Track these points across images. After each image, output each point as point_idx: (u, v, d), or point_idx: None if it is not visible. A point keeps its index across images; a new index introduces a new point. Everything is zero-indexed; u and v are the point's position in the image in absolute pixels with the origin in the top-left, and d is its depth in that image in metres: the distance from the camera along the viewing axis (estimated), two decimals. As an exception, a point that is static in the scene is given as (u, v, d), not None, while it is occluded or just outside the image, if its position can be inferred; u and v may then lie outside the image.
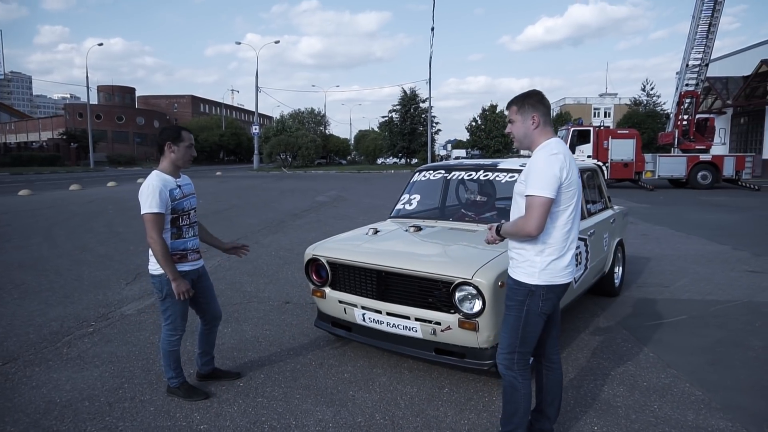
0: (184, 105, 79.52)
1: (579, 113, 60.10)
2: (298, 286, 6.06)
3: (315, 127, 56.29)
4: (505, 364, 2.54)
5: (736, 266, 6.88)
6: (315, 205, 15.26)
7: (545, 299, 2.46)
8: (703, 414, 3.06)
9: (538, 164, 2.38)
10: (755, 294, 5.56)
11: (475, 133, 54.32)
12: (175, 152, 3.17)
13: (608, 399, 3.25)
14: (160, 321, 3.25)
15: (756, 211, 13.32)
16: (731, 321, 4.69)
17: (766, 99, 27.24)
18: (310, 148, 47.92)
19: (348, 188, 22.47)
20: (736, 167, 20.79)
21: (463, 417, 3.04)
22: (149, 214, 3.00)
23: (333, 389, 3.41)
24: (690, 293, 5.62)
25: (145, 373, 3.67)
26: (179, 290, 3.03)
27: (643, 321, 4.71)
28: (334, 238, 4.22)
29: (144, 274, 6.60)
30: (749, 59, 29.14)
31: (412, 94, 49.94)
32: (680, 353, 3.98)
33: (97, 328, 4.62)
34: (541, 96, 2.56)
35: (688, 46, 21.69)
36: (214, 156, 65.48)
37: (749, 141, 30.73)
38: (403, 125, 49.91)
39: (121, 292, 5.78)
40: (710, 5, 20.80)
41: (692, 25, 21.44)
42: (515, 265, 2.53)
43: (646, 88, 51.19)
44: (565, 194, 2.41)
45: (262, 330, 4.56)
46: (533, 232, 2.36)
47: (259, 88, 43.16)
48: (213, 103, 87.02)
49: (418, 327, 3.35)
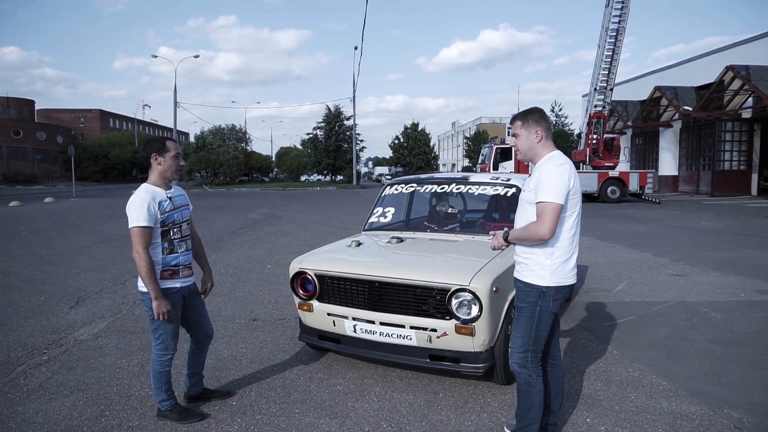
0: (91, 120, 74.53)
1: (495, 131, 63.29)
2: (260, 302, 5.93)
3: (236, 144, 54.92)
4: (519, 363, 2.68)
5: (661, 271, 7.58)
6: (249, 223, 14.92)
7: (555, 299, 2.65)
8: (674, 401, 3.37)
9: (549, 173, 2.58)
10: (684, 295, 6.17)
11: (398, 151, 55.57)
12: (161, 164, 3.07)
13: (590, 393, 3.50)
14: (151, 341, 3.09)
15: (662, 222, 14.68)
16: (673, 319, 5.19)
17: (659, 121, 30.18)
18: (232, 165, 46.66)
19: (278, 205, 22.15)
20: (640, 183, 22.80)
21: (465, 419, 3.15)
22: (136, 227, 2.88)
23: (330, 402, 3.40)
24: (631, 296, 6.13)
25: (124, 398, 3.45)
26: (159, 310, 2.89)
27: (599, 322, 5.08)
28: (317, 250, 4.21)
29: (87, 297, 6.18)
30: (645, 85, 32.25)
31: (337, 112, 50.27)
32: (639, 349, 4.35)
33: (51, 355, 4.27)
34: (542, 112, 2.78)
35: (596, 72, 23.62)
36: (126, 173, 61.81)
37: (646, 159, 33.86)
38: (328, 142, 50.03)
39: (66, 317, 5.36)
40: (613, 35, 22.85)
41: (598, 53, 23.41)
42: (525, 269, 2.70)
43: (555, 109, 54.95)
44: (571, 201, 2.62)
45: (238, 348, 4.43)
46: (546, 235, 2.54)
47: (178, 103, 41.55)
48: (124, 118, 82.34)
49: (413, 335, 3.43)
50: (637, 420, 3.12)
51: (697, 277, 7.13)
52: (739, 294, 6.17)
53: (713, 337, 4.63)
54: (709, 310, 5.48)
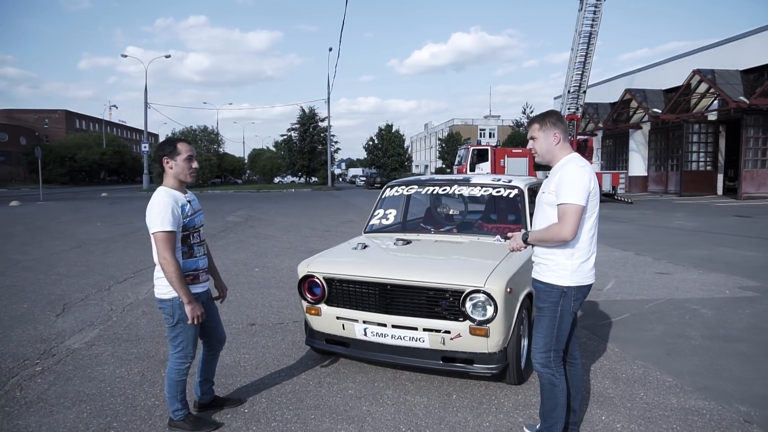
0: (56, 120, 72.25)
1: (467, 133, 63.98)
2: (254, 307, 5.84)
3: (209, 146, 54.03)
4: (542, 363, 2.70)
5: (646, 269, 7.77)
6: (229, 226, 14.70)
7: (575, 299, 2.68)
8: (682, 397, 3.45)
9: (571, 176, 2.60)
10: (672, 292, 6.33)
11: (373, 152, 55.51)
12: (173, 167, 2.99)
13: (601, 391, 3.55)
14: (168, 349, 3.01)
15: (638, 221, 15.05)
16: (666, 316, 5.31)
17: (629, 123, 30.97)
18: (204, 167, 45.90)
19: (255, 208, 21.88)
20: (612, 183, 23.34)
21: (483, 420, 3.16)
22: (162, 232, 2.79)
23: (344, 406, 3.36)
24: (622, 294, 6.25)
25: (130, 409, 3.34)
26: (194, 314, 2.84)
27: (596, 321, 5.17)
28: (324, 253, 4.16)
29: (73, 304, 5.97)
30: (615, 88, 33.05)
31: (311, 113, 49.97)
32: (639, 347, 4.43)
33: (45, 366, 4.11)
34: (559, 115, 2.81)
35: (569, 75, 24.10)
36: (94, 176, 60.13)
37: (616, 160, 34.69)
38: (302, 144, 49.68)
39: (53, 326, 5.17)
40: (586, 39, 23.35)
41: (571, 56, 23.89)
42: (546, 270, 2.72)
43: (527, 111, 55.83)
44: (591, 202, 2.65)
45: (240, 354, 4.34)
46: (569, 236, 2.57)
47: (148, 103, 40.67)
48: (91, 119, 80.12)
49: (426, 337, 3.42)
50: (651, 417, 3.18)
51: (681, 275, 7.32)
52: (723, 291, 6.36)
53: (707, 333, 4.76)
54: (698, 307, 5.63)
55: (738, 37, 25.75)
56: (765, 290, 6.34)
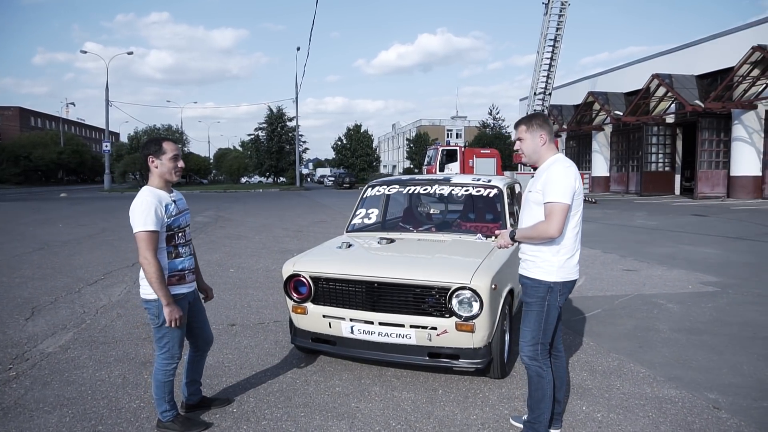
0: (10, 118, 69.31)
1: (435, 134, 64.45)
2: (232, 307, 5.80)
3: (173, 145, 52.83)
4: (530, 356, 2.80)
5: (613, 266, 8.05)
6: (198, 226, 14.43)
7: (561, 294, 2.79)
8: (656, 387, 3.62)
9: (557, 175, 2.71)
10: (639, 288, 6.59)
11: (341, 152, 55.37)
12: (159, 166, 2.96)
13: (580, 383, 3.69)
14: (155, 350, 2.98)
15: (602, 220, 15.52)
16: (635, 311, 5.53)
17: (592, 125, 31.86)
18: (169, 166, 44.85)
19: (223, 208, 21.55)
20: (577, 183, 23.96)
21: (470, 413, 3.24)
22: (143, 232, 2.77)
23: (333, 404, 3.39)
24: (593, 291, 6.47)
25: (114, 412, 3.29)
26: (172, 317, 2.81)
27: (570, 316, 5.34)
28: (309, 252, 4.18)
29: (42, 307, 5.80)
30: (579, 90, 33.93)
31: (279, 113, 49.52)
32: (612, 340, 4.61)
33: (19, 371, 3.99)
34: (545, 117, 2.92)
35: (535, 77, 24.65)
36: (51, 176, 58.00)
37: (580, 161, 35.58)
38: (270, 144, 49.17)
39: (23, 330, 5.01)
40: (551, 42, 23.94)
41: (537, 59, 24.45)
42: (532, 266, 2.82)
43: (493, 113, 56.71)
44: (576, 201, 2.77)
45: (223, 354, 4.31)
46: (555, 234, 2.67)
47: (110, 101, 39.52)
48: (47, 116, 77.22)
49: (412, 334, 3.48)
50: (628, 406, 3.33)
51: (646, 271, 7.62)
52: (687, 286, 6.66)
53: (675, 326, 4.98)
54: (665, 301, 5.89)
55: (694, 44, 26.85)
56: (724, 285, 6.67)
